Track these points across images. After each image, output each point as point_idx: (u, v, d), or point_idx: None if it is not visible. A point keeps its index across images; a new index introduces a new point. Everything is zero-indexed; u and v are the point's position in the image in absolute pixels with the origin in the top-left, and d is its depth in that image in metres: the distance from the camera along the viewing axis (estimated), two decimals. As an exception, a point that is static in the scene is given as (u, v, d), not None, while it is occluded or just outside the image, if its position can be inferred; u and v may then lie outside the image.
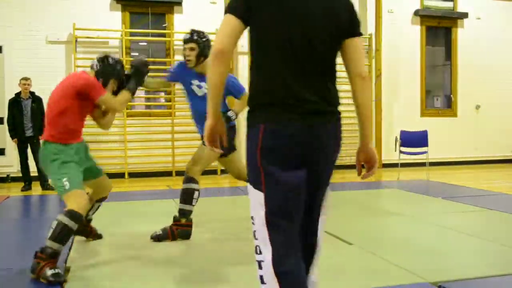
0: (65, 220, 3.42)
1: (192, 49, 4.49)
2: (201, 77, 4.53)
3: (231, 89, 4.46)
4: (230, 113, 4.54)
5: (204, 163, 4.54)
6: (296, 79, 2.03)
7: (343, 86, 8.51)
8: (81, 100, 3.78)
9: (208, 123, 2.12)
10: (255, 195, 2.05)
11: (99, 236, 4.57)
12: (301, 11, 2.04)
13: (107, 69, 3.97)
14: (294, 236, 2.05)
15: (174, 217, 4.56)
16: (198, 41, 4.50)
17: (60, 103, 3.76)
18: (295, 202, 2.05)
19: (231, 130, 4.58)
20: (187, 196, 4.47)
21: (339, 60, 2.20)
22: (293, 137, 2.01)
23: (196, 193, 4.48)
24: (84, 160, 3.93)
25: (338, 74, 2.20)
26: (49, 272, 3.31)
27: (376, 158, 2.28)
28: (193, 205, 4.51)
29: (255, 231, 2.05)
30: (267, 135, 2.00)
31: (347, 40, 2.14)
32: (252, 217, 2.07)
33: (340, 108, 2.29)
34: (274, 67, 2.05)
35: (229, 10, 2.07)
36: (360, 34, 2.20)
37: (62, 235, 3.41)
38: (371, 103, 2.24)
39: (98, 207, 4.44)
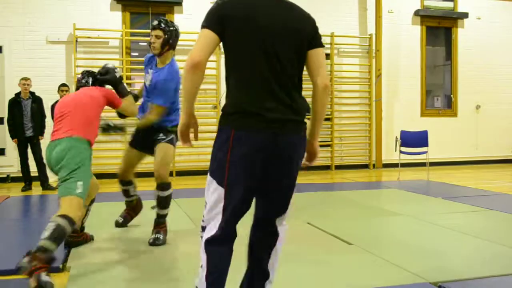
0: (64, 223, 3.40)
1: (158, 36, 4.39)
2: (156, 69, 4.51)
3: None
4: None
5: (169, 162, 4.57)
6: (262, 90, 2.28)
7: (344, 86, 8.57)
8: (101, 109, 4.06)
9: (183, 121, 2.38)
10: (216, 188, 2.34)
11: (91, 238, 4.56)
12: (267, 29, 2.29)
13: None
14: (236, 222, 2.41)
15: (158, 222, 4.53)
16: (165, 29, 4.42)
17: (97, 109, 3.98)
18: (247, 203, 2.39)
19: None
20: (166, 202, 4.51)
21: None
22: (257, 144, 2.27)
23: (171, 195, 4.55)
24: None
25: (339, 74, 2.25)
26: (44, 277, 3.16)
27: (317, 153, 2.60)
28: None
29: (206, 213, 2.40)
30: (235, 140, 2.26)
31: (311, 50, 2.41)
32: (206, 202, 2.40)
33: (342, 108, 2.36)
34: (243, 79, 2.31)
35: (204, 24, 2.33)
36: (322, 46, 2.46)
37: (60, 237, 3.38)
38: (326, 108, 2.59)
39: (89, 212, 4.42)
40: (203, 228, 2.40)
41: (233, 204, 2.32)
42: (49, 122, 8.34)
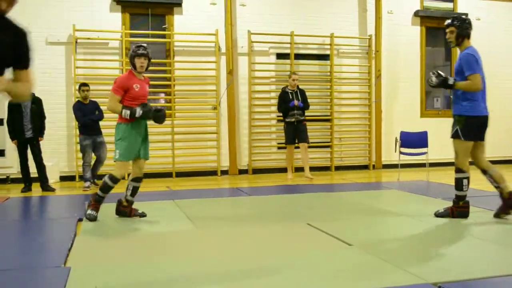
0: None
1: (452, 32, 5.39)
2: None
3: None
4: None
5: (459, 153, 5.56)
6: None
7: (343, 87, 8.71)
8: None
9: None
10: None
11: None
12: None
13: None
14: None
15: (453, 201, 5.43)
16: (456, 24, 5.38)
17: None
18: None
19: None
20: (457, 184, 5.44)
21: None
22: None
23: (465, 180, 5.40)
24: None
25: (339, 75, 2.23)
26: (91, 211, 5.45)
27: None
28: (465, 190, 5.39)
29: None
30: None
31: None
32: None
33: (342, 108, 2.34)
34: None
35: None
36: None
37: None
38: None
39: (129, 187, 5.62)
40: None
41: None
42: (64, 122, 8.36)
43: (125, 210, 5.62)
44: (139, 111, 5.26)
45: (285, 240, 4.64)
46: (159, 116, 5.47)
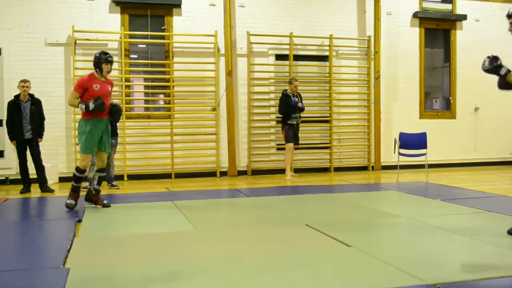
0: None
1: None
2: None
3: None
4: None
5: None
6: None
7: (342, 88, 8.73)
8: None
9: None
10: None
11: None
12: None
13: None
14: None
15: None
16: None
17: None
18: None
19: None
20: None
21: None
22: None
23: None
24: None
25: (338, 76, 2.24)
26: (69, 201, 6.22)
27: None
28: None
29: None
30: None
31: None
32: None
33: (341, 110, 2.34)
34: None
35: None
36: None
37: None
38: None
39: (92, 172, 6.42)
40: None
41: None
42: (63, 123, 8.35)
43: (93, 197, 6.40)
44: (91, 105, 5.95)
45: (284, 241, 4.64)
46: (115, 110, 6.35)
